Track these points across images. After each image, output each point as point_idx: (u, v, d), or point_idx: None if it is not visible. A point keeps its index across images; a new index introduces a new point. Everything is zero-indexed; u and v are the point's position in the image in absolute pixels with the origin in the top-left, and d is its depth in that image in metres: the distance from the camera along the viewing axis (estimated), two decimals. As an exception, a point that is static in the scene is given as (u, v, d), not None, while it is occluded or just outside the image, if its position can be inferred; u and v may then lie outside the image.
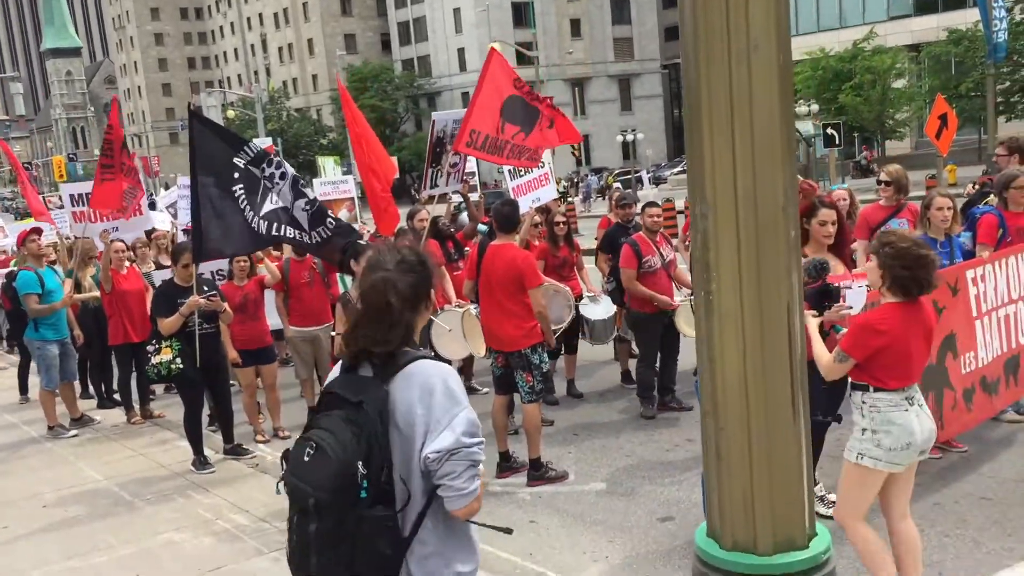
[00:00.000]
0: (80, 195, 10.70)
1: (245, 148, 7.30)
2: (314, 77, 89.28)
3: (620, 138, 58.40)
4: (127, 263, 9.71)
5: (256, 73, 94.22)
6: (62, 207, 16.28)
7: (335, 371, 2.77)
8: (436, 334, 7.69)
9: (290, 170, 7.53)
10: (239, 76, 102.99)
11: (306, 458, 2.50)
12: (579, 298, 9.00)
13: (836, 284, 5.22)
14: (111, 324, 9.56)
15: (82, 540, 6.29)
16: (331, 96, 78.68)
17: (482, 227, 10.13)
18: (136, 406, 9.76)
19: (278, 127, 71.44)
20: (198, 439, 7.81)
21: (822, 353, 4.43)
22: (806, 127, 34.85)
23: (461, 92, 71.79)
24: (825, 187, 18.77)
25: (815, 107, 39.01)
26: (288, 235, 7.54)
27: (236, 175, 7.20)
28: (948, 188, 24.54)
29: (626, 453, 7.38)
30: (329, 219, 7.66)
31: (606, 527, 5.91)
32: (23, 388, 11.41)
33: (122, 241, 9.89)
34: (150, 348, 7.56)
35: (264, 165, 7.29)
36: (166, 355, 7.39)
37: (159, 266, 10.70)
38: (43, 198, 19.37)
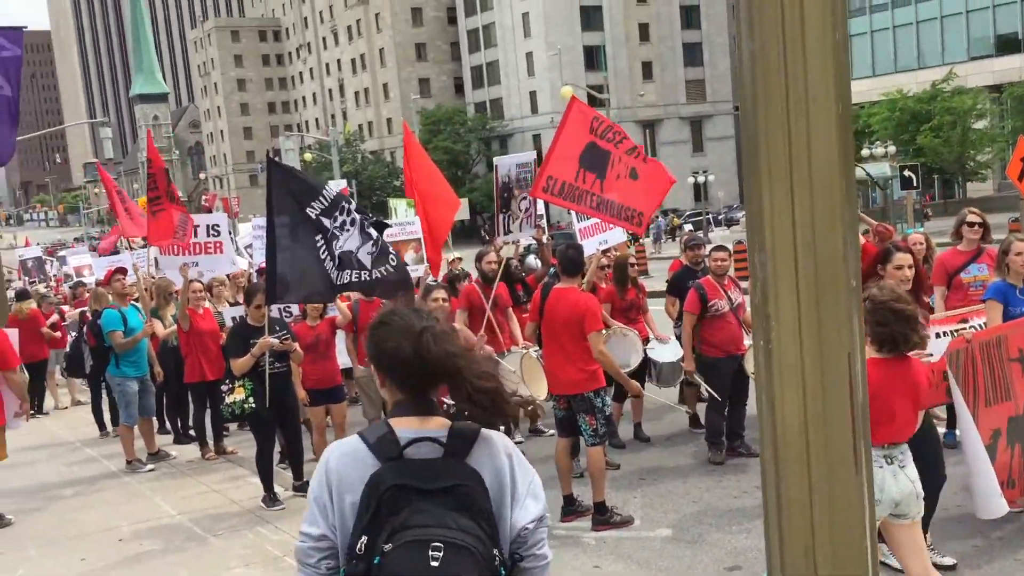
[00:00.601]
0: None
1: (320, 197, 7.43)
2: (388, 121, 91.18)
3: (692, 180, 58.19)
4: (204, 303, 10.01)
5: (333, 117, 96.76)
6: (144, 247, 16.83)
7: (359, 458, 2.36)
8: (503, 376, 7.71)
9: (359, 216, 7.64)
10: (316, 120, 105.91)
11: (435, 563, 2.18)
12: (645, 341, 8.96)
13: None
14: (187, 362, 9.81)
15: (155, 574, 6.44)
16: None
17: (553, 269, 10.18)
18: (210, 442, 10.00)
19: (353, 169, 72.98)
20: (269, 476, 7.97)
21: None
22: (882, 169, 34.21)
23: (532, 134, 72.54)
24: (901, 230, 18.38)
25: (892, 148, 38.31)
26: (355, 280, 7.67)
27: (313, 226, 7.37)
28: (1032, 231, 23.77)
29: (693, 499, 7.28)
30: (391, 256, 7.76)
31: (671, 575, 5.83)
32: (101, 425, 11.78)
33: (200, 281, 10.21)
34: (224, 387, 7.77)
35: (336, 213, 7.41)
36: (239, 395, 7.57)
37: (232, 303, 10.99)
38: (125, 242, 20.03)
